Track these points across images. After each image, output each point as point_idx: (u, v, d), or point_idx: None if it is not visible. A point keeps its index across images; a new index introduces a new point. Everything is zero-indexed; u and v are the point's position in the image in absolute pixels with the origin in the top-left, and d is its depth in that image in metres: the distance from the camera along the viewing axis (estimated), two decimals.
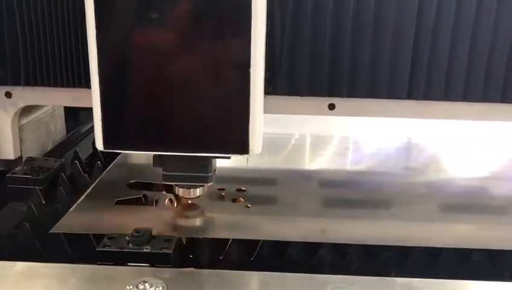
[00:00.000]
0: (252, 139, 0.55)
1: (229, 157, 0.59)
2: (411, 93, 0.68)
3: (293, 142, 0.95)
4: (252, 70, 0.53)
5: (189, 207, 0.66)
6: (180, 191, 0.62)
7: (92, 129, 1.03)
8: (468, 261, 0.58)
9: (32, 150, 0.85)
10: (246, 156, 0.56)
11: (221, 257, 0.58)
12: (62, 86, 0.73)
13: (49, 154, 0.89)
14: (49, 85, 0.73)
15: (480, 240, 0.61)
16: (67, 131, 0.99)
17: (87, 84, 0.71)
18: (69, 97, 0.75)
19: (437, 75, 0.67)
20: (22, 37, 0.71)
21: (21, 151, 0.81)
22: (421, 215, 0.69)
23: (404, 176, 0.83)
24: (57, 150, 0.92)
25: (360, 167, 0.87)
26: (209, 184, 0.61)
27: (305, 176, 0.81)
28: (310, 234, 0.61)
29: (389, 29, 0.65)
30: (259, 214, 0.68)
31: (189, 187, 0.62)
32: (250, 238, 0.59)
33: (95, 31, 0.53)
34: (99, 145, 0.57)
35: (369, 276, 0.54)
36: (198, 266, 0.58)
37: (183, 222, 0.65)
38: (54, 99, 0.77)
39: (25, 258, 0.56)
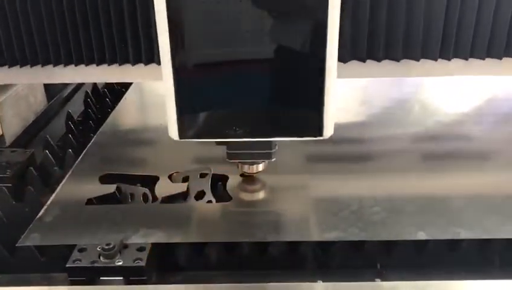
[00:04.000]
0: (325, 121, 0.55)
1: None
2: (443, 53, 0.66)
3: None
4: (327, 54, 0.52)
5: None
6: (244, 168, 0.63)
7: (70, 96, 1.00)
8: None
9: (14, 125, 0.83)
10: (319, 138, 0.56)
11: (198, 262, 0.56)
12: (35, 64, 0.69)
13: (30, 127, 0.87)
14: (21, 64, 0.69)
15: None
16: (48, 99, 0.95)
17: (60, 62, 0.69)
18: (42, 75, 0.71)
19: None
20: None
21: (2, 129, 0.79)
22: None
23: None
24: (38, 123, 0.89)
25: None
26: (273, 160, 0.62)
27: None
28: None
29: None
30: None
31: (252, 163, 0.63)
32: None
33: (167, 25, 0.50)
34: (174, 135, 0.55)
35: None
36: (175, 275, 0.56)
37: None
38: (27, 78, 0.73)
39: None
